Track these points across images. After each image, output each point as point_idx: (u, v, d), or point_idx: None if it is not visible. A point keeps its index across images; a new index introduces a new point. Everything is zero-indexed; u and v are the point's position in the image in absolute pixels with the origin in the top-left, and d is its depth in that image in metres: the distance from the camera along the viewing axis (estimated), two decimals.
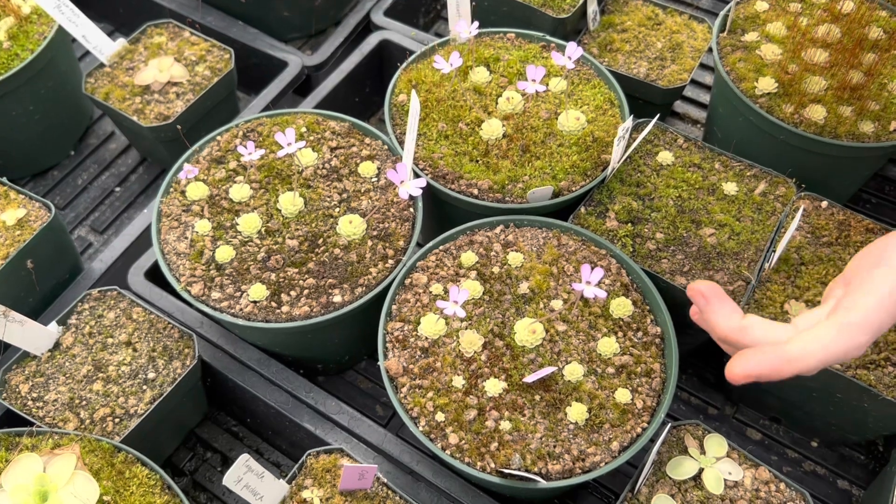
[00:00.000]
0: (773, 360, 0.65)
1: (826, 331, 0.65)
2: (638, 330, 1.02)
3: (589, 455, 0.92)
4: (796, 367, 0.65)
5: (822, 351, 0.64)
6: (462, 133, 1.17)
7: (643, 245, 1.10)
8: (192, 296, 1.04)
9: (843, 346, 0.64)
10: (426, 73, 1.23)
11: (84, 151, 1.54)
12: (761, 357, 0.66)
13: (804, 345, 0.65)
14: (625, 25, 1.42)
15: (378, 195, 1.12)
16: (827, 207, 1.14)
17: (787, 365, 0.65)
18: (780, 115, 1.19)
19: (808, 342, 0.65)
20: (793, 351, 0.65)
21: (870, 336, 0.65)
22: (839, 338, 0.65)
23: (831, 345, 0.64)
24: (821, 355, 0.64)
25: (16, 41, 1.30)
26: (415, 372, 0.97)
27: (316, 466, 0.98)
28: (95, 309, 1.13)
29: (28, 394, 1.05)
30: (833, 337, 0.65)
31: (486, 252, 1.07)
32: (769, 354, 0.66)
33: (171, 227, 1.10)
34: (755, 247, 1.09)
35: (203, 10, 1.55)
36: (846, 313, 0.65)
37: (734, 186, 1.15)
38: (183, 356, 1.09)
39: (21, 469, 0.92)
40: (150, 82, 1.34)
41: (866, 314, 0.64)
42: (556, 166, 1.14)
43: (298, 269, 1.05)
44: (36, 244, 1.13)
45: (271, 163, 1.14)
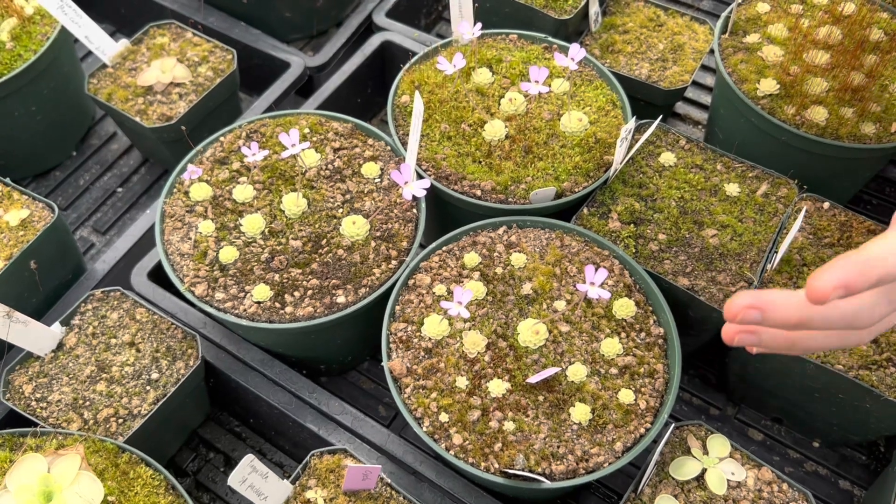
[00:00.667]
0: (856, 263, 0.59)
1: (886, 237, 0.61)
2: (641, 331, 1.02)
3: (592, 455, 0.92)
4: (880, 267, 0.59)
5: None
6: (465, 134, 1.17)
7: (646, 246, 1.10)
8: (196, 296, 1.04)
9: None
10: (429, 74, 1.24)
11: (86, 152, 1.54)
12: (844, 263, 0.59)
13: (883, 244, 0.60)
14: (626, 27, 1.42)
15: (381, 196, 1.12)
16: (829, 209, 1.14)
17: (872, 266, 0.60)
18: (781, 117, 1.19)
19: (886, 241, 0.60)
20: (873, 250, 0.60)
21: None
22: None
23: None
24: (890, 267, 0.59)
25: (18, 42, 1.30)
26: (418, 372, 0.98)
27: (320, 467, 0.99)
28: (99, 309, 1.13)
29: (31, 394, 1.05)
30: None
31: (489, 253, 1.07)
32: (850, 259, 0.59)
33: (174, 228, 1.10)
34: (757, 248, 1.10)
35: (205, 10, 1.55)
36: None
37: (736, 187, 1.15)
38: (186, 357, 1.09)
39: (25, 469, 0.92)
40: (153, 83, 1.34)
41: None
42: (559, 167, 1.14)
43: (302, 270, 1.05)
44: (39, 245, 1.13)
45: (274, 164, 1.15)
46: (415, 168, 1.09)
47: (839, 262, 0.60)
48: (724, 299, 1.05)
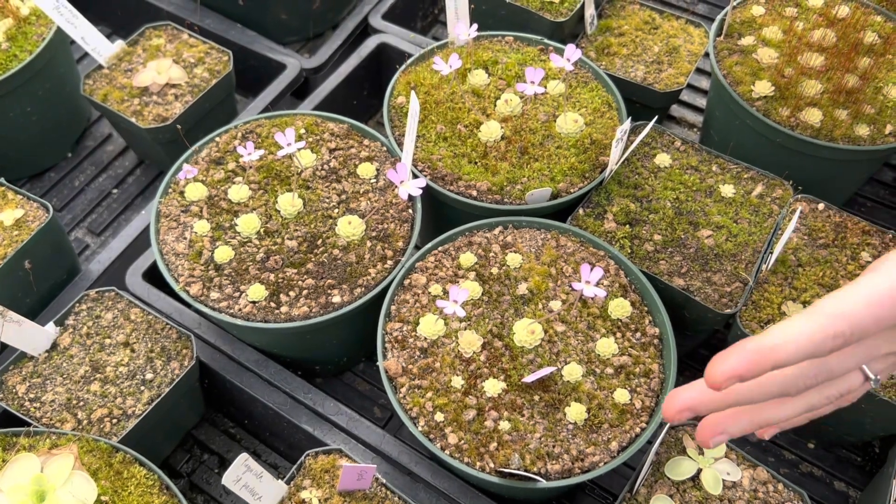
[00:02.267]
0: (751, 353, 0.58)
1: (801, 318, 0.59)
2: (636, 331, 1.02)
3: (588, 455, 0.92)
4: (774, 356, 0.58)
5: (796, 336, 0.58)
6: (461, 135, 1.17)
7: (641, 246, 1.10)
8: (191, 296, 1.03)
9: (819, 332, 0.57)
10: (425, 76, 1.24)
11: (81, 153, 1.54)
12: (739, 351, 0.58)
13: (779, 332, 0.58)
14: (622, 29, 1.43)
15: (377, 196, 1.12)
16: (824, 210, 1.15)
17: (764, 356, 0.58)
18: (776, 119, 1.20)
19: (783, 329, 0.58)
20: (767, 340, 0.58)
21: (847, 326, 0.58)
22: (813, 324, 0.58)
23: (806, 330, 0.58)
24: (795, 342, 0.58)
25: (14, 42, 1.30)
26: (414, 372, 0.97)
27: (314, 467, 0.98)
28: (93, 310, 1.12)
29: (25, 394, 1.05)
30: (806, 323, 0.58)
31: (484, 253, 1.07)
32: (746, 348, 0.58)
33: (169, 228, 1.10)
34: (752, 248, 1.10)
35: (201, 12, 1.55)
36: (823, 302, 0.59)
37: (731, 189, 1.16)
38: (181, 357, 1.08)
39: (18, 469, 0.92)
40: (149, 84, 1.34)
41: (842, 304, 0.58)
42: (555, 168, 1.14)
43: (297, 270, 1.05)
44: (34, 245, 1.13)
45: (270, 164, 1.15)
46: (411, 168, 1.09)
47: (736, 349, 0.59)
48: (720, 300, 1.05)
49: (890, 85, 1.23)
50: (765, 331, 0.59)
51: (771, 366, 0.59)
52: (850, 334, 0.58)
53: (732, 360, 0.59)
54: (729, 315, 1.04)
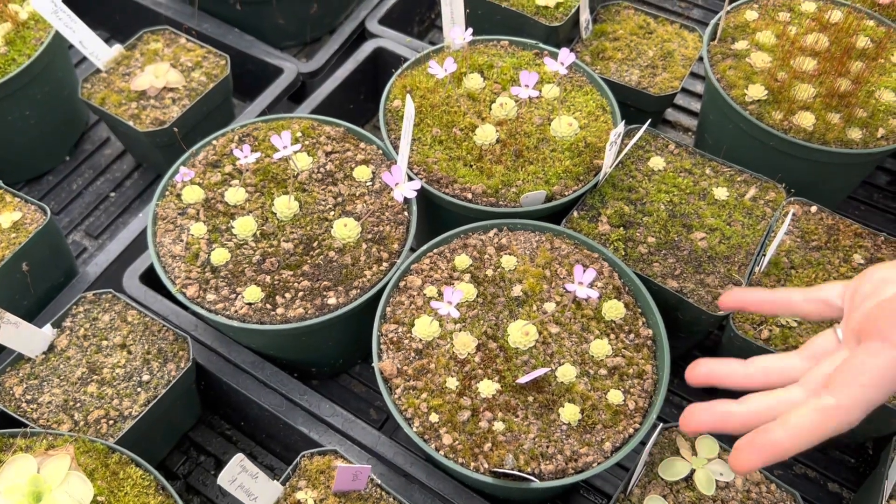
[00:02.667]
0: (714, 414, 0.62)
1: (811, 417, 0.59)
2: (630, 332, 1.03)
3: (581, 455, 0.93)
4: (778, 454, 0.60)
5: (809, 437, 0.59)
6: (456, 138, 1.18)
7: (635, 249, 1.11)
8: (188, 298, 1.04)
9: (831, 430, 0.59)
10: (420, 80, 1.25)
11: (79, 157, 1.54)
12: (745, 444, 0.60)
13: (782, 430, 0.59)
14: (617, 34, 1.44)
15: (373, 199, 1.13)
16: (816, 212, 1.16)
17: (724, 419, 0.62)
18: (769, 122, 1.21)
19: (794, 429, 0.59)
20: (773, 439, 0.60)
21: (862, 413, 0.59)
22: (826, 423, 0.59)
23: (817, 431, 0.59)
24: (807, 442, 0.59)
25: (13, 46, 1.31)
26: (409, 373, 0.98)
27: (310, 468, 0.99)
28: (90, 312, 1.13)
29: (22, 396, 1.05)
30: (819, 422, 0.59)
31: (479, 255, 1.08)
32: (754, 442, 0.60)
33: (166, 230, 1.10)
34: (745, 251, 1.11)
35: (199, 17, 1.56)
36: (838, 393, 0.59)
37: (725, 191, 1.16)
38: (177, 359, 1.09)
39: (15, 470, 0.92)
40: (146, 88, 1.35)
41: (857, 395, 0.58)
42: (549, 171, 1.15)
43: (293, 272, 1.06)
44: (31, 247, 1.13)
45: (266, 167, 1.15)
46: (406, 171, 1.10)
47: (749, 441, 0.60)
48: (713, 301, 1.06)
49: (882, 88, 1.24)
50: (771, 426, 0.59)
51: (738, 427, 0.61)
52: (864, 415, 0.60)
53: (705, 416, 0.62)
54: (722, 317, 1.05)
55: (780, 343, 1.03)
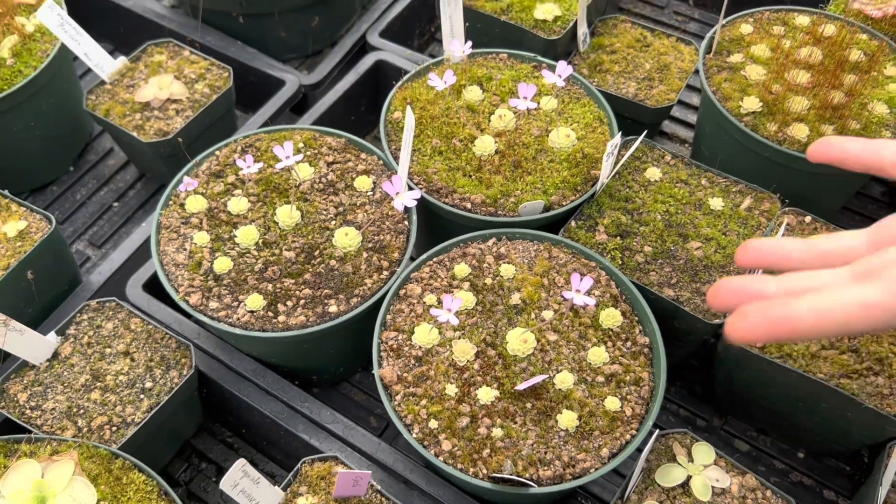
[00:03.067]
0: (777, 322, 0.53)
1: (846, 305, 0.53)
2: (627, 340, 1.04)
3: (579, 461, 0.94)
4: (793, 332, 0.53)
5: (835, 325, 0.53)
6: (455, 149, 1.20)
7: (632, 258, 1.13)
8: (191, 305, 1.06)
9: (864, 325, 0.52)
10: (421, 92, 1.27)
11: (83, 167, 1.56)
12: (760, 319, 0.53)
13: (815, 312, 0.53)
14: (614, 47, 1.46)
15: (373, 208, 1.14)
16: (811, 222, 1.17)
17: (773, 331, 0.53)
18: (764, 134, 1.23)
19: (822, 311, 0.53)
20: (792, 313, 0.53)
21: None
22: (860, 316, 0.53)
23: (847, 322, 0.53)
24: (832, 329, 0.53)
25: (19, 58, 1.33)
26: (409, 380, 0.99)
27: (311, 474, 1.00)
28: (94, 319, 1.14)
29: (26, 402, 1.06)
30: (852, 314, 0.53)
31: (478, 264, 1.10)
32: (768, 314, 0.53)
33: (170, 239, 1.12)
34: None
35: (202, 30, 1.58)
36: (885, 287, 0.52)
37: (720, 202, 1.18)
38: (180, 366, 1.10)
39: (19, 475, 0.93)
40: (150, 99, 1.37)
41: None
42: (547, 181, 1.17)
43: (295, 280, 1.07)
44: (36, 255, 1.15)
45: (269, 177, 1.17)
46: (406, 181, 1.11)
47: (736, 283, 0.56)
48: (709, 310, 1.08)
49: (874, 101, 1.26)
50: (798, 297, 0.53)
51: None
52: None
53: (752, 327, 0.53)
54: (718, 325, 1.06)
55: (775, 352, 1.04)
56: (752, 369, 1.08)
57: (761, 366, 1.05)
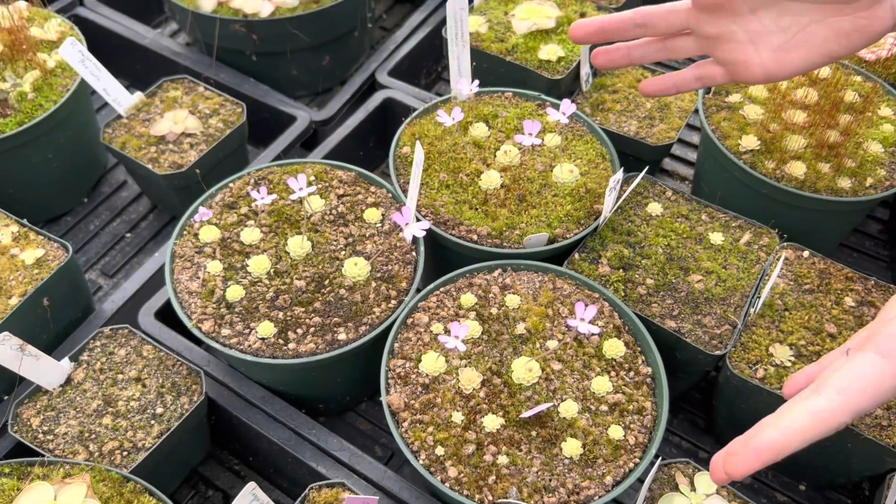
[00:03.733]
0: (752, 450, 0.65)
1: (802, 419, 0.65)
2: (630, 370, 1.06)
3: (583, 489, 0.96)
4: (773, 454, 0.65)
5: (801, 437, 0.65)
6: (462, 183, 1.23)
7: (634, 290, 1.15)
8: (203, 332, 1.08)
9: (819, 433, 0.65)
10: (429, 128, 1.31)
11: (97, 199, 1.60)
12: (739, 453, 0.65)
13: (782, 432, 0.65)
14: (616, 87, 1.50)
15: (382, 240, 1.17)
16: (808, 257, 1.20)
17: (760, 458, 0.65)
18: (762, 171, 1.26)
19: (787, 429, 0.65)
20: (768, 439, 0.65)
21: (850, 418, 0.65)
22: (816, 426, 0.64)
23: (808, 433, 0.64)
24: (800, 442, 0.65)
25: (40, 93, 1.38)
26: (415, 407, 1.01)
27: (318, 499, 1.01)
28: (107, 346, 1.17)
29: (39, 427, 1.08)
30: (809, 425, 0.65)
31: (484, 294, 1.12)
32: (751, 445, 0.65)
33: (183, 268, 1.15)
34: (741, 293, 1.15)
35: (216, 67, 1.63)
36: (819, 397, 0.65)
37: (720, 236, 1.21)
38: (191, 392, 1.12)
39: (33, 497, 0.95)
40: (166, 133, 1.41)
41: (845, 402, 0.64)
42: (551, 215, 1.20)
43: (305, 309, 1.10)
44: (52, 283, 1.17)
45: (281, 208, 1.20)
46: (415, 213, 1.15)
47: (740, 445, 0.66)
48: (710, 341, 1.10)
49: (869, 140, 1.30)
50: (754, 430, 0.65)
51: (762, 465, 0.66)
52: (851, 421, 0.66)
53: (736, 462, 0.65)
54: (719, 356, 1.09)
55: (775, 382, 1.06)
56: (752, 400, 1.10)
57: (761, 396, 1.07)
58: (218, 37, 1.58)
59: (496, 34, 1.51)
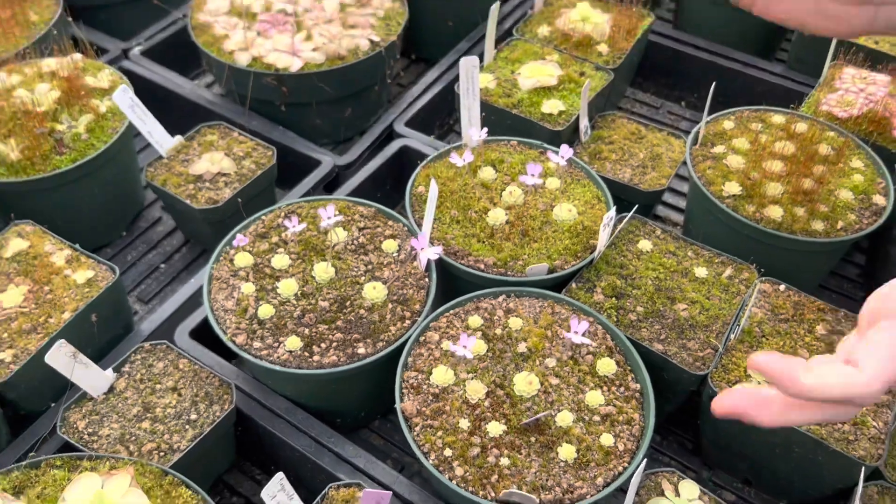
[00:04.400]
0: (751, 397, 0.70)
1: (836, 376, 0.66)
2: (620, 385, 1.17)
3: (576, 488, 1.06)
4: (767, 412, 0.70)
5: (831, 391, 0.65)
6: (471, 219, 1.37)
7: (625, 316, 1.27)
8: (237, 344, 1.20)
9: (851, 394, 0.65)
10: (441, 170, 1.45)
11: (134, 232, 1.74)
12: (741, 394, 0.71)
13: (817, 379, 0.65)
14: (612, 139, 1.65)
15: (398, 267, 1.30)
16: (784, 290, 1.32)
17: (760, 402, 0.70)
18: (743, 213, 1.39)
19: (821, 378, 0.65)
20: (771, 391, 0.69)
21: (883, 385, 0.65)
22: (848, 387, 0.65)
23: (840, 389, 0.65)
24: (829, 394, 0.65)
25: (93, 134, 1.53)
26: (427, 414, 1.13)
27: (336, 497, 1.12)
28: (146, 359, 1.29)
29: (84, 429, 1.19)
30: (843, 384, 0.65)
31: (489, 316, 1.24)
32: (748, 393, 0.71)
33: (220, 289, 1.28)
34: (722, 321, 1.27)
35: (249, 115, 1.79)
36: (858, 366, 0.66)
37: (705, 271, 1.34)
38: (222, 402, 1.24)
39: (82, 486, 1.06)
40: (203, 173, 1.56)
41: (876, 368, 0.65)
42: (551, 248, 1.33)
43: (328, 326, 1.22)
44: (101, 300, 1.30)
45: (308, 238, 1.34)
46: (428, 242, 1.28)
47: (738, 390, 0.72)
48: (694, 363, 1.21)
49: (841, 188, 1.44)
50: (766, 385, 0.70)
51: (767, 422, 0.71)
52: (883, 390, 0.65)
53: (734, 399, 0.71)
54: (702, 376, 1.20)
55: None
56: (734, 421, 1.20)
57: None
58: (251, 88, 1.74)
59: (503, 90, 1.67)
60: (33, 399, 1.27)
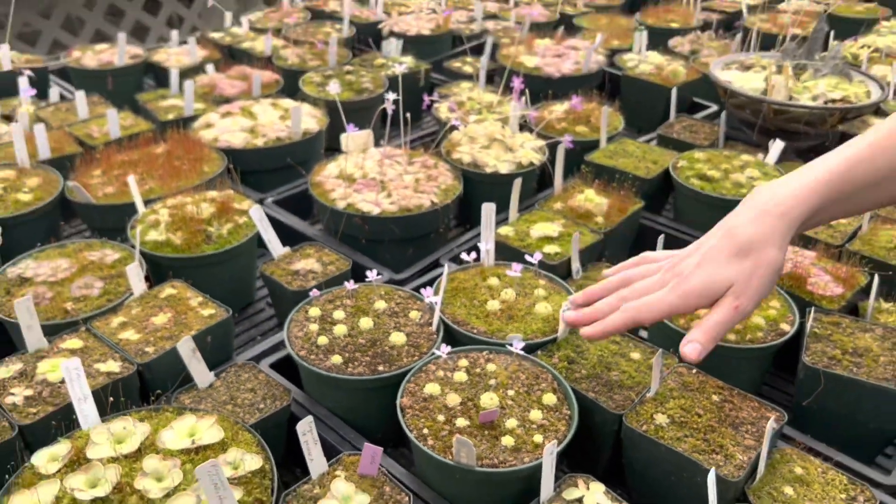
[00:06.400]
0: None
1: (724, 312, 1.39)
2: (556, 411, 1.65)
3: (508, 461, 1.52)
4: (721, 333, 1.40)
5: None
6: (474, 305, 1.94)
7: (573, 374, 1.77)
8: (299, 356, 1.77)
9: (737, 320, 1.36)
10: (461, 277, 2.05)
11: (243, 315, 2.39)
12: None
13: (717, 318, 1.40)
14: (597, 278, 2.22)
15: (417, 328, 1.87)
16: (696, 372, 1.79)
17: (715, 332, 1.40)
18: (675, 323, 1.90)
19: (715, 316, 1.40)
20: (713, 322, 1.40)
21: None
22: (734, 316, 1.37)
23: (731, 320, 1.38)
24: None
25: (231, 235, 2.24)
26: (416, 408, 1.63)
27: (347, 462, 1.61)
28: (238, 372, 1.86)
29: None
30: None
31: (473, 361, 1.77)
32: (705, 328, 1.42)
33: (295, 326, 1.88)
34: (643, 385, 1.74)
35: (339, 244, 2.48)
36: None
37: (638, 354, 1.83)
38: (282, 400, 1.78)
39: (182, 422, 1.61)
40: (298, 269, 2.22)
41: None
42: (528, 328, 1.87)
43: (362, 353, 1.78)
44: (215, 327, 1.92)
45: (360, 305, 1.94)
46: (439, 314, 1.85)
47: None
48: (615, 408, 1.68)
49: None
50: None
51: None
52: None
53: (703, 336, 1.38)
54: (619, 415, 1.66)
55: (653, 435, 1.61)
56: (640, 448, 1.63)
57: (644, 444, 1.61)
58: (343, 224, 2.44)
59: (518, 237, 2.30)
60: (159, 383, 1.85)
